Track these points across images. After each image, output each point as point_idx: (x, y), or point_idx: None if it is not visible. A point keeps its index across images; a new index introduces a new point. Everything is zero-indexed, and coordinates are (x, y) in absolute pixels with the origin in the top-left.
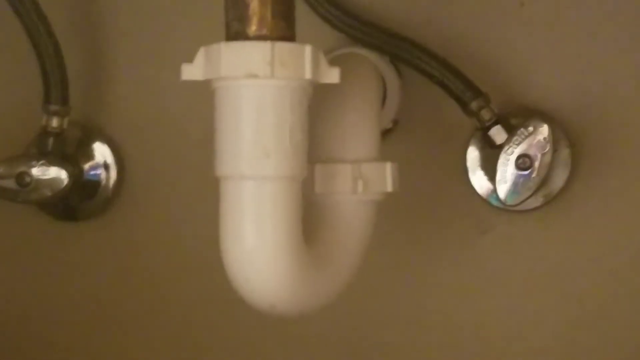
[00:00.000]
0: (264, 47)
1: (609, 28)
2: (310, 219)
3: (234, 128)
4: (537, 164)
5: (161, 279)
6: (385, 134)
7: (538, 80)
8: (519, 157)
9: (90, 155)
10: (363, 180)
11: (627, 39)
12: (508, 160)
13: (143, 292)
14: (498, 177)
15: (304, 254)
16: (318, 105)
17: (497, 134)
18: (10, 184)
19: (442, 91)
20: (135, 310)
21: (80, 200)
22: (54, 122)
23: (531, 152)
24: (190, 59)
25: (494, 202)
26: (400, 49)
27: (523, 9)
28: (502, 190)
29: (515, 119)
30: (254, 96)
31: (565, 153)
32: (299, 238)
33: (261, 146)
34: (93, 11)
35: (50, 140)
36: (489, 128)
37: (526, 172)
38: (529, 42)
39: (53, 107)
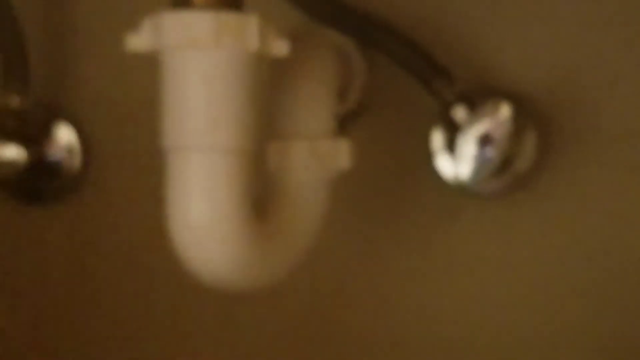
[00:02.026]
0: (209, 16)
1: (581, 9)
2: (265, 195)
3: (180, 99)
4: (497, 142)
5: (127, 262)
6: (351, 116)
7: (507, 60)
8: (479, 136)
9: (53, 136)
10: (317, 157)
11: (600, 21)
12: (468, 138)
13: (109, 274)
14: (458, 155)
15: (254, 228)
16: (273, 81)
17: (459, 112)
18: None
19: (403, 69)
20: (103, 292)
21: (43, 183)
22: (14, 101)
23: (492, 131)
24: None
25: (460, 186)
26: (362, 30)
27: None
28: (463, 170)
29: (479, 99)
30: (199, 66)
31: (532, 136)
32: (248, 211)
33: (208, 117)
34: None
35: (10, 120)
36: (450, 106)
37: (487, 151)
38: (499, 22)
39: (13, 85)
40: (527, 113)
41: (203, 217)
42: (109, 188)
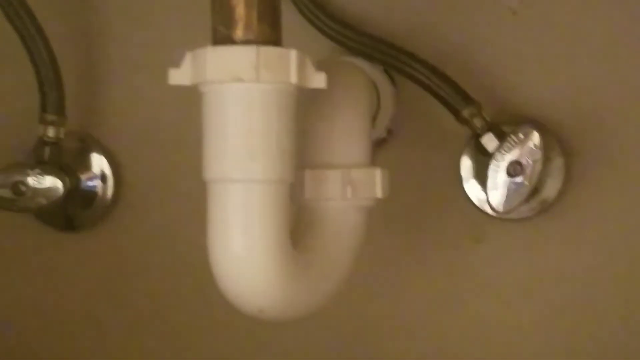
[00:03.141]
0: (250, 51)
1: (602, 36)
2: (300, 224)
3: (220, 132)
4: (528, 170)
5: (158, 288)
6: (380, 142)
7: (531, 88)
8: (510, 164)
9: (87, 166)
10: (352, 186)
11: (619, 46)
12: (499, 167)
13: (140, 300)
14: (489, 184)
15: (292, 258)
16: (309, 111)
17: (489, 141)
18: (6, 193)
19: (434, 98)
20: (132, 319)
21: (77, 211)
22: (51, 132)
23: (522, 159)
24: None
25: (489, 211)
26: (393, 58)
27: (515, 17)
28: (494, 197)
29: (508, 127)
30: (240, 100)
31: (559, 161)
32: (287, 242)
33: (247, 149)
34: (88, 21)
35: (47, 150)
36: (481, 135)
37: (517, 179)
38: (522, 51)
39: (49, 117)
40: (553, 139)
41: (243, 248)
42: (140, 215)
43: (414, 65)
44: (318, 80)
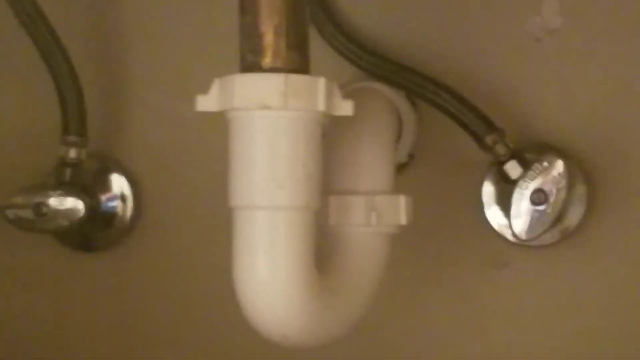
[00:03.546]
0: (278, 78)
1: (624, 64)
2: (324, 250)
3: (247, 158)
4: (552, 199)
5: (176, 310)
6: (401, 167)
7: (553, 115)
8: (533, 192)
9: (107, 187)
10: (377, 213)
11: None
12: (523, 195)
13: (158, 322)
14: (513, 211)
15: (317, 285)
16: (333, 137)
17: (512, 168)
18: (28, 213)
19: (458, 125)
20: (151, 341)
21: (97, 231)
22: (72, 153)
23: (546, 187)
24: (205, 91)
25: (509, 237)
26: (416, 84)
27: (539, 45)
28: (517, 225)
29: (530, 154)
30: (267, 127)
31: (581, 189)
32: (312, 269)
33: (274, 176)
34: (111, 44)
35: (68, 171)
36: (504, 163)
37: (541, 207)
38: (545, 78)
39: (71, 139)
40: (575, 167)
41: (268, 274)
42: (159, 237)
43: (437, 91)
44: (345, 108)
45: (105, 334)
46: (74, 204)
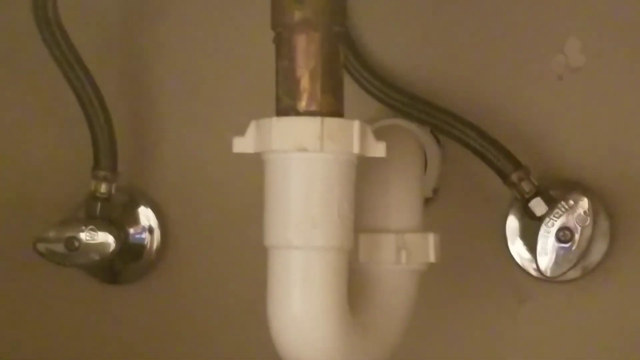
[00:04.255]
0: (314, 122)
1: None
2: (354, 287)
3: (283, 199)
4: (577, 236)
5: (204, 342)
6: (426, 203)
7: (576, 152)
8: (559, 230)
9: (135, 219)
10: (406, 251)
11: None
12: (549, 232)
13: (186, 354)
14: (539, 249)
15: (349, 323)
16: (363, 175)
17: (537, 205)
18: (59, 247)
19: (481, 161)
20: None
21: (124, 264)
22: (103, 188)
23: (571, 225)
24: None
25: (532, 272)
26: (442, 121)
27: (561, 82)
28: (543, 262)
29: (555, 191)
30: (303, 169)
31: (604, 225)
32: (345, 307)
33: (309, 217)
34: (141, 78)
35: (98, 205)
36: (529, 200)
37: (567, 245)
38: (567, 115)
39: (102, 173)
40: (598, 203)
41: (302, 311)
42: (186, 270)
43: (462, 129)
44: (379, 150)
45: None
46: (104, 238)
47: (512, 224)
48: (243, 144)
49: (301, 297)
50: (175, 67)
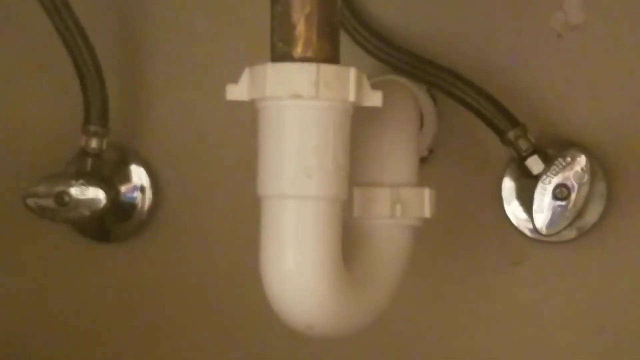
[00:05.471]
0: (309, 68)
1: None
2: (348, 241)
3: (277, 148)
4: (574, 194)
5: (194, 302)
6: (421, 162)
7: (574, 112)
8: (556, 187)
9: (127, 178)
10: (401, 205)
11: None
12: (545, 190)
13: (176, 314)
14: (535, 206)
15: (343, 276)
16: (357, 129)
17: (534, 163)
18: (49, 202)
19: (477, 120)
20: (168, 332)
21: (115, 222)
22: (93, 143)
23: (569, 183)
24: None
25: (528, 233)
26: (439, 78)
27: (560, 40)
28: (539, 219)
29: (551, 150)
30: (298, 116)
31: (601, 186)
32: (340, 260)
33: (304, 166)
34: (133, 35)
35: (89, 161)
36: (525, 158)
37: (563, 202)
38: (566, 74)
39: (93, 128)
40: (596, 163)
41: (296, 264)
42: (178, 229)
43: (460, 85)
44: (374, 99)
45: (121, 325)
46: (95, 193)
47: (508, 184)
48: (237, 91)
49: (294, 248)
50: (166, 23)
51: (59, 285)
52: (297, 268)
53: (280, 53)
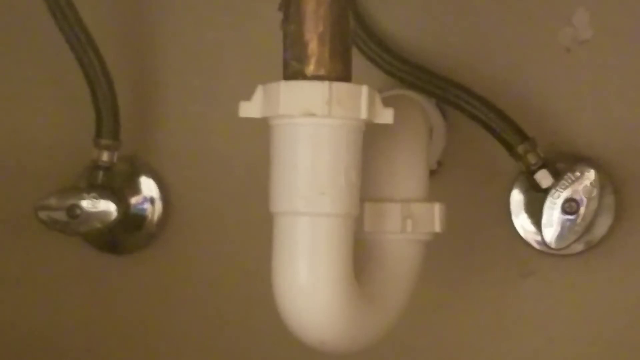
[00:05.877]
0: (322, 86)
1: None
2: (359, 256)
3: (290, 165)
4: (583, 208)
5: (204, 313)
6: (430, 174)
7: (583, 126)
8: (565, 201)
9: (137, 189)
10: (412, 220)
11: None
12: (555, 204)
13: (186, 326)
14: (544, 220)
15: (355, 292)
16: (369, 145)
17: (543, 177)
18: (61, 215)
19: (486, 134)
20: (178, 344)
21: (125, 234)
22: (105, 156)
23: (578, 197)
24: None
25: (536, 246)
26: (448, 92)
27: (569, 54)
28: (548, 233)
29: (561, 164)
30: (311, 134)
31: (609, 199)
32: (352, 275)
33: (317, 184)
34: (144, 48)
35: (100, 174)
36: (534, 172)
37: (572, 217)
38: (574, 88)
39: (104, 142)
40: (605, 177)
41: (308, 280)
42: (187, 241)
43: (469, 99)
44: (386, 116)
45: (131, 336)
46: (106, 206)
47: (517, 197)
48: (250, 109)
49: (307, 264)
50: (178, 35)
51: (69, 296)
52: (310, 284)
53: (293, 71)
